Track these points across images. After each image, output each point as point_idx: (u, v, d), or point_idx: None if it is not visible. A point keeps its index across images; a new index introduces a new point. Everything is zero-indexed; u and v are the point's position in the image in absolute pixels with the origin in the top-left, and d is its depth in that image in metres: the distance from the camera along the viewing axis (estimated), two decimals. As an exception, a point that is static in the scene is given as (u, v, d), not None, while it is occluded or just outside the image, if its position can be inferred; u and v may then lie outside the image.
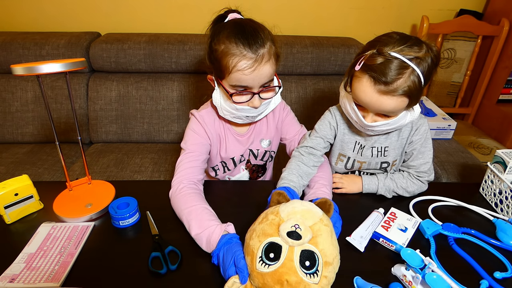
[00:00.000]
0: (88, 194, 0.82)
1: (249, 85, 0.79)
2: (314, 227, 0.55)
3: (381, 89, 0.71)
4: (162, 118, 1.60)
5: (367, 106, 0.77)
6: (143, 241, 0.70)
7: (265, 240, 0.54)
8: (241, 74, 0.76)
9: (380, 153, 0.90)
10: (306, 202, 0.60)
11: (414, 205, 0.82)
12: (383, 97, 0.73)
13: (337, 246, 0.57)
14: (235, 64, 0.75)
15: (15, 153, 1.49)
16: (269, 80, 0.81)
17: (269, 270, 0.52)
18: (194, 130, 0.90)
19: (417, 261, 0.60)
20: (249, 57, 0.75)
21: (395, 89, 0.71)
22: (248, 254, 0.56)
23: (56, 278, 0.60)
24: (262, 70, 0.77)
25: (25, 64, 0.62)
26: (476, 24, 1.72)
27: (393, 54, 0.70)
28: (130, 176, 1.37)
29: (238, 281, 0.56)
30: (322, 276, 0.52)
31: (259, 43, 0.76)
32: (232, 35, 0.76)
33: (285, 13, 1.79)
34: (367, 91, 0.74)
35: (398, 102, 0.73)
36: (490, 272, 0.63)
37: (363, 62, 0.74)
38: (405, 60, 0.70)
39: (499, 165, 0.83)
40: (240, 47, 0.75)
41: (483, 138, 1.75)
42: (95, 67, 1.59)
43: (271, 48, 0.79)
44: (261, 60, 0.76)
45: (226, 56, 0.76)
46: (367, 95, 0.74)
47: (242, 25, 0.79)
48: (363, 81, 0.74)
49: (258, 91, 0.80)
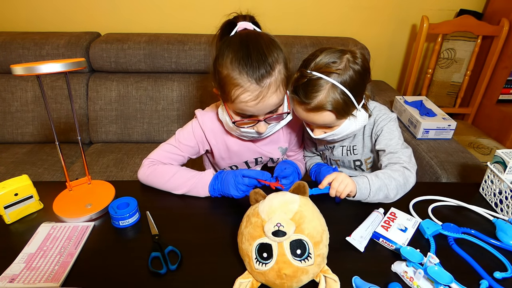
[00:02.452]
0: (88, 194, 0.82)
1: (254, 114, 0.76)
2: (295, 217, 0.58)
3: (307, 107, 0.75)
4: (162, 118, 1.60)
5: (310, 123, 0.82)
6: (143, 241, 0.70)
7: (255, 242, 0.57)
8: (244, 106, 0.72)
9: (349, 151, 0.94)
10: (281, 195, 0.62)
11: (414, 205, 0.82)
12: (310, 114, 0.77)
13: (322, 220, 0.62)
14: (238, 95, 0.71)
15: (15, 153, 1.49)
16: (276, 107, 0.77)
17: (267, 268, 0.56)
18: (194, 130, 0.89)
19: (417, 257, 0.61)
20: (253, 88, 0.70)
21: (317, 106, 0.74)
22: (244, 256, 0.60)
23: (56, 278, 0.60)
24: (267, 101, 0.72)
25: (25, 64, 0.62)
26: (476, 24, 1.72)
27: (313, 73, 0.73)
28: (130, 176, 1.37)
29: (244, 281, 0.58)
30: (315, 256, 0.57)
31: (266, 71, 0.70)
32: (236, 61, 0.70)
33: (285, 13, 1.79)
34: (298, 110, 0.79)
35: (325, 116, 0.76)
36: (490, 272, 0.63)
37: (292, 85, 0.77)
38: (322, 77, 0.72)
39: (499, 165, 0.83)
40: (243, 77, 0.69)
41: (483, 138, 1.75)
42: (95, 67, 1.59)
43: (280, 73, 0.73)
44: (267, 91, 0.71)
45: (229, 84, 0.71)
46: (300, 114, 0.80)
47: (249, 47, 0.70)
48: (295, 102, 0.79)
49: (263, 118, 0.77)
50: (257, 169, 1.00)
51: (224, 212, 0.78)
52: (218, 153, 0.93)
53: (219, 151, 0.92)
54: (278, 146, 0.97)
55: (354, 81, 0.74)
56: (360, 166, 0.97)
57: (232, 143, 0.91)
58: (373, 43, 1.75)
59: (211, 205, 0.82)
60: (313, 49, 1.61)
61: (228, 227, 0.72)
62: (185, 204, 0.82)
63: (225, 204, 0.82)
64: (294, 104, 0.80)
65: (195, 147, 0.90)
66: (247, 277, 0.59)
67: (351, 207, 0.83)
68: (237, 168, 0.97)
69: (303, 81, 0.74)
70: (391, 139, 0.85)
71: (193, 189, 0.82)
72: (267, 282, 0.57)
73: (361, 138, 0.92)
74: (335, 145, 0.95)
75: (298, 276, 0.56)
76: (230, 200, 0.82)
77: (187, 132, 0.89)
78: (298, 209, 0.59)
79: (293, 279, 0.56)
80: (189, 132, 0.89)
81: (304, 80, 0.74)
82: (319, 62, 0.74)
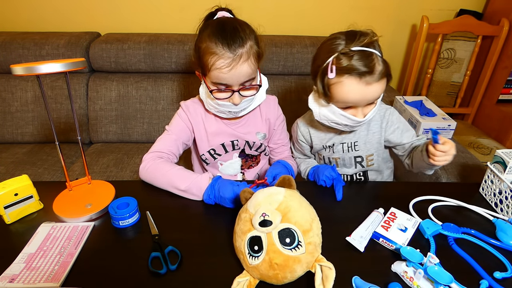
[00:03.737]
0: (88, 194, 0.82)
1: (228, 83, 0.82)
2: (281, 207, 0.59)
3: (368, 80, 0.77)
4: (162, 118, 1.60)
5: (357, 102, 0.81)
6: (143, 241, 0.70)
7: (245, 237, 0.59)
8: (219, 73, 0.80)
9: (350, 148, 0.97)
10: (266, 189, 0.64)
11: (414, 205, 0.82)
12: (370, 86, 0.78)
13: (310, 210, 0.62)
14: (213, 62, 0.79)
15: (15, 153, 1.49)
16: (249, 78, 0.84)
17: (259, 261, 0.57)
18: (179, 115, 0.97)
19: (417, 257, 0.61)
20: (227, 56, 0.78)
21: (377, 74, 0.77)
22: (239, 254, 0.61)
23: (56, 278, 0.60)
24: (240, 69, 0.80)
25: (25, 64, 0.62)
26: (476, 24, 1.72)
27: (354, 49, 0.76)
28: (130, 176, 1.37)
29: (242, 280, 0.59)
30: (306, 244, 0.57)
31: (238, 42, 0.79)
32: (212, 34, 0.80)
33: (285, 13, 1.79)
34: (354, 89, 0.78)
35: (382, 84, 0.80)
36: (490, 272, 0.63)
37: (334, 68, 0.77)
38: (366, 49, 0.77)
39: (499, 165, 0.83)
40: (219, 46, 0.79)
41: (483, 138, 1.75)
42: (95, 67, 1.59)
43: (252, 48, 0.82)
44: (239, 60, 0.79)
45: (206, 54, 0.80)
46: (356, 92, 0.79)
47: (224, 24, 0.82)
48: (346, 83, 0.78)
49: (238, 89, 0.83)
50: (235, 155, 1.03)
51: (224, 212, 0.78)
52: (198, 135, 0.99)
53: (199, 132, 0.98)
54: (256, 131, 1.01)
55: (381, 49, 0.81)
56: (361, 162, 0.98)
57: (210, 123, 0.98)
58: (373, 43, 1.75)
59: (211, 205, 0.82)
60: (313, 49, 1.62)
61: (228, 228, 0.72)
62: (185, 204, 0.82)
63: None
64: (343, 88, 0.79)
65: (184, 129, 0.97)
66: (244, 275, 0.60)
67: (351, 207, 0.83)
68: (215, 152, 1.00)
69: (354, 58, 0.76)
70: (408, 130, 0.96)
71: (188, 190, 0.82)
72: (262, 276, 0.58)
73: (365, 134, 0.95)
74: (334, 142, 0.97)
75: (290, 266, 0.56)
76: (230, 200, 0.82)
77: (174, 119, 0.98)
78: (283, 199, 0.60)
79: (286, 268, 0.56)
80: (176, 118, 0.98)
81: (350, 58, 0.76)
82: (352, 39, 0.77)
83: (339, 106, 0.83)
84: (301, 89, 1.62)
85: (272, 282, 0.58)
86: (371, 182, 1.04)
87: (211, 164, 1.04)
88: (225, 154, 1.01)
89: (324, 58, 0.80)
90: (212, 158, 1.01)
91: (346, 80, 0.78)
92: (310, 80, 1.63)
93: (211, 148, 1.00)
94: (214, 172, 1.04)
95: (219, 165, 1.04)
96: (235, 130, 0.99)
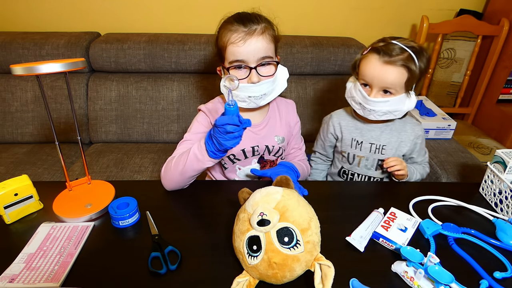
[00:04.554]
0: (88, 194, 0.82)
1: (244, 58, 0.83)
2: (278, 206, 0.59)
3: (385, 60, 0.87)
4: (162, 118, 1.60)
5: (372, 79, 0.90)
6: (142, 241, 0.70)
7: (244, 237, 0.59)
8: (234, 47, 0.82)
9: (378, 150, 1.01)
10: (263, 189, 0.64)
11: (414, 205, 0.82)
12: (386, 66, 0.87)
13: (309, 208, 0.62)
14: (228, 38, 0.82)
15: (15, 153, 1.49)
16: (265, 55, 0.84)
17: (258, 261, 0.57)
18: (198, 120, 0.95)
19: (418, 257, 0.61)
20: (241, 30, 0.81)
21: (396, 60, 0.86)
22: (238, 254, 0.61)
23: (56, 278, 0.60)
24: (254, 43, 0.82)
25: (24, 64, 0.62)
26: (476, 24, 1.71)
27: (395, 42, 0.89)
28: (130, 176, 1.37)
29: (242, 280, 0.59)
30: (304, 243, 0.57)
31: (253, 21, 0.83)
32: (230, 18, 0.85)
33: (285, 13, 1.79)
34: (373, 63, 0.89)
35: (399, 73, 0.87)
36: (490, 272, 0.63)
37: (370, 47, 0.92)
38: (404, 47, 0.87)
39: (499, 165, 0.83)
40: (234, 24, 0.82)
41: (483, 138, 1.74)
42: (95, 67, 1.59)
43: (267, 28, 0.85)
44: (253, 33, 0.81)
45: (222, 35, 0.84)
46: (373, 67, 0.89)
47: (241, 13, 0.86)
48: (369, 58, 0.90)
49: (255, 66, 0.84)
50: (254, 161, 1.01)
51: (223, 213, 0.78)
52: None
53: None
54: (274, 134, 1.00)
55: (423, 63, 0.89)
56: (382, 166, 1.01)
57: None
58: (373, 43, 1.75)
59: (211, 205, 0.82)
60: (313, 49, 1.63)
61: (227, 228, 0.72)
62: (185, 204, 0.82)
63: (225, 204, 0.82)
64: (366, 62, 0.91)
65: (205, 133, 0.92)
66: (244, 275, 0.59)
67: (351, 207, 0.83)
68: (235, 157, 0.98)
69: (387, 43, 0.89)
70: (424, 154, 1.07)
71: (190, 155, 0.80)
72: (261, 276, 0.58)
73: (395, 141, 1.01)
74: (363, 140, 1.01)
75: (289, 265, 0.56)
76: (230, 200, 0.82)
77: (194, 126, 0.96)
78: (280, 199, 0.60)
79: (285, 267, 0.56)
80: (195, 124, 0.95)
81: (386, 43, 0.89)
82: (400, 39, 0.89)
83: (360, 83, 0.93)
84: (301, 89, 1.62)
85: (271, 282, 0.58)
86: (371, 182, 1.04)
87: (229, 169, 1.02)
88: (245, 159, 0.99)
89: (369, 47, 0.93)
90: (231, 163, 0.99)
91: (369, 55, 0.90)
92: (310, 80, 1.64)
93: (231, 154, 0.98)
94: (232, 176, 1.02)
95: (237, 169, 1.02)
96: (256, 133, 0.97)
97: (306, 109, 1.63)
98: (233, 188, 0.92)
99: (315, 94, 1.62)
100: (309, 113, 1.63)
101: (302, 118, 1.63)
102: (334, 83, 1.64)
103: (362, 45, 1.63)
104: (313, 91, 1.62)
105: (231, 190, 0.91)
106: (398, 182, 0.98)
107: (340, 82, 1.65)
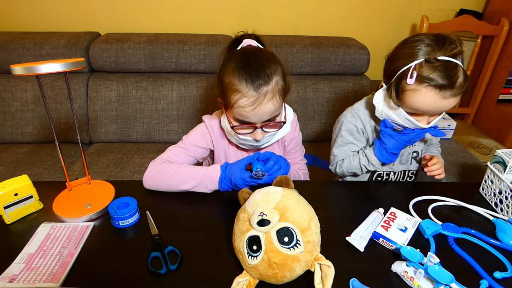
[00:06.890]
0: (88, 194, 0.82)
1: (251, 121, 0.80)
2: (278, 206, 0.59)
3: (447, 95, 0.74)
4: (162, 118, 1.60)
5: (427, 112, 0.79)
6: (142, 241, 0.70)
7: (244, 237, 0.59)
8: (242, 111, 0.77)
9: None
10: (263, 189, 0.64)
11: (414, 205, 0.82)
12: (448, 100, 0.75)
13: (308, 208, 0.62)
14: (236, 100, 0.76)
15: (15, 153, 1.49)
16: (273, 116, 0.81)
17: (258, 261, 0.57)
18: (202, 132, 0.94)
19: (418, 257, 0.61)
20: (250, 94, 0.75)
21: (458, 89, 0.74)
22: (238, 254, 0.61)
23: (56, 278, 0.60)
24: (263, 108, 0.76)
25: (24, 64, 0.62)
26: (476, 24, 1.72)
27: (441, 58, 0.72)
28: (130, 176, 1.37)
29: (242, 280, 0.59)
30: (304, 243, 0.57)
31: (263, 79, 0.75)
32: (237, 69, 0.76)
33: (285, 13, 1.79)
34: (430, 100, 0.75)
35: (458, 98, 0.77)
36: (490, 272, 0.63)
37: (416, 75, 0.74)
38: (453, 61, 0.73)
39: (499, 165, 0.83)
40: (243, 83, 0.75)
41: (483, 138, 1.75)
42: (95, 67, 1.59)
43: (277, 84, 0.78)
44: (263, 98, 0.75)
45: (229, 90, 0.77)
46: (431, 103, 0.76)
47: (250, 59, 0.77)
48: (423, 92, 0.75)
49: (260, 126, 0.81)
50: None
51: (224, 213, 0.78)
52: (218, 159, 0.97)
53: (219, 157, 0.97)
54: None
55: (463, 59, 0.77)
56: (416, 157, 0.99)
57: (231, 152, 0.96)
58: (373, 43, 1.75)
59: (211, 205, 0.82)
60: (313, 49, 1.63)
61: (227, 228, 0.72)
62: (185, 204, 0.82)
63: (225, 204, 0.82)
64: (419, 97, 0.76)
65: (203, 149, 0.94)
66: (244, 275, 0.59)
67: (351, 207, 0.83)
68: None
69: (438, 69, 0.72)
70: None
71: (200, 183, 0.81)
72: (261, 276, 0.58)
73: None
74: None
75: (289, 265, 0.56)
76: (230, 200, 0.82)
77: (196, 134, 0.94)
78: (280, 199, 0.60)
79: (285, 267, 0.56)
80: (199, 134, 0.94)
81: (434, 68, 0.73)
82: (440, 47, 0.73)
83: (406, 111, 0.80)
84: (301, 89, 1.62)
85: (271, 282, 0.58)
86: (371, 182, 1.04)
87: None
88: None
89: (405, 61, 0.76)
90: None
91: (423, 89, 0.74)
92: (310, 80, 1.64)
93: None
94: None
95: None
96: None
97: (306, 109, 1.63)
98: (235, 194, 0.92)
99: (315, 94, 1.63)
100: (309, 113, 1.63)
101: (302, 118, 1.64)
102: (334, 83, 1.64)
103: (362, 45, 1.63)
104: (313, 91, 1.62)
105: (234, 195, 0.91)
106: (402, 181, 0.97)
107: (340, 82, 1.65)
